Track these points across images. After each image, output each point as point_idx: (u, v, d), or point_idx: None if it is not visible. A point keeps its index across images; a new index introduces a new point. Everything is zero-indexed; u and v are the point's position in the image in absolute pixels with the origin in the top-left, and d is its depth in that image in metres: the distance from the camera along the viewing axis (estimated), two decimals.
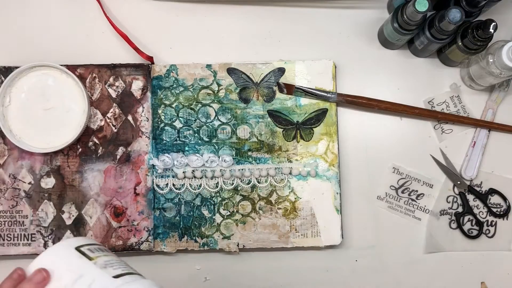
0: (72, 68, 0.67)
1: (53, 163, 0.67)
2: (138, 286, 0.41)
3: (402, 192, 0.70)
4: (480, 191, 0.69)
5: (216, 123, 0.68)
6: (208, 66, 0.68)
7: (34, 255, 0.59)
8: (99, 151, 0.67)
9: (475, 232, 0.69)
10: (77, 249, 0.43)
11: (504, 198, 0.69)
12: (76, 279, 0.41)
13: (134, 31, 0.70)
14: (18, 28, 0.71)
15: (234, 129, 0.68)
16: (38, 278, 0.41)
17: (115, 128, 0.67)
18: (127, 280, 0.41)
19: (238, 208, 0.67)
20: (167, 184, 0.67)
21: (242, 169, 0.68)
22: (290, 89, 0.68)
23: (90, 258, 0.43)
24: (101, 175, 0.67)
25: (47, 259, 0.42)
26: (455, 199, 0.69)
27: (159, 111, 0.68)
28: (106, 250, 0.46)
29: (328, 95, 0.68)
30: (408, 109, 0.69)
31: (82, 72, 0.68)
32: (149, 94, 0.68)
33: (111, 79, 0.68)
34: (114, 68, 0.68)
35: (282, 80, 0.69)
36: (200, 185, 0.67)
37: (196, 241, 0.67)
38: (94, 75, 0.68)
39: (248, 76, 0.69)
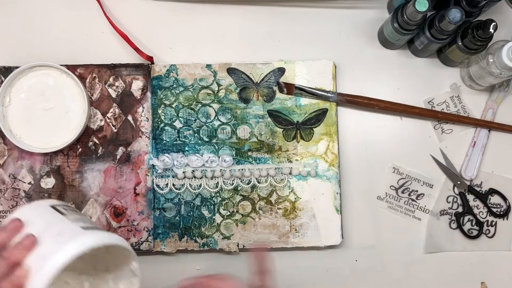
0: (72, 68, 0.67)
1: (53, 163, 0.67)
2: (102, 234, 0.46)
3: (402, 192, 0.70)
4: (480, 191, 0.69)
5: (216, 123, 0.68)
6: (208, 66, 0.68)
7: None
8: (99, 151, 0.67)
9: (475, 232, 0.69)
10: (52, 207, 0.49)
11: (504, 198, 0.69)
12: (47, 226, 0.45)
13: (134, 31, 0.70)
14: (18, 28, 0.71)
15: (234, 129, 0.68)
16: (11, 226, 0.45)
17: (115, 128, 0.67)
18: (94, 231, 0.46)
19: (238, 208, 0.67)
20: (167, 184, 0.67)
21: (242, 169, 0.67)
22: (290, 89, 0.68)
23: (62, 214, 0.48)
24: (101, 175, 0.67)
25: (23, 212, 0.47)
26: (455, 199, 0.69)
27: (159, 111, 0.68)
28: (80, 213, 0.51)
29: (328, 94, 0.68)
30: (408, 109, 0.69)
31: (82, 72, 0.67)
32: (149, 94, 0.68)
33: (111, 79, 0.68)
34: (114, 68, 0.68)
35: (282, 80, 0.69)
36: (200, 185, 0.67)
37: (196, 241, 0.67)
38: (94, 75, 0.68)
39: (248, 76, 0.69)
